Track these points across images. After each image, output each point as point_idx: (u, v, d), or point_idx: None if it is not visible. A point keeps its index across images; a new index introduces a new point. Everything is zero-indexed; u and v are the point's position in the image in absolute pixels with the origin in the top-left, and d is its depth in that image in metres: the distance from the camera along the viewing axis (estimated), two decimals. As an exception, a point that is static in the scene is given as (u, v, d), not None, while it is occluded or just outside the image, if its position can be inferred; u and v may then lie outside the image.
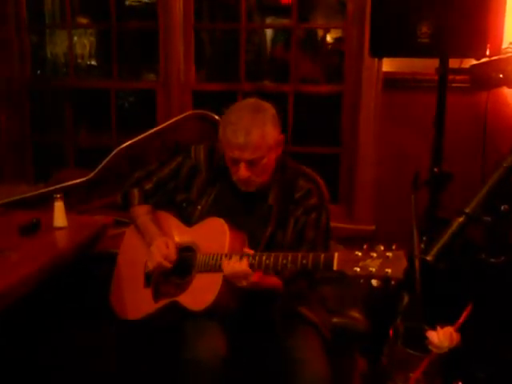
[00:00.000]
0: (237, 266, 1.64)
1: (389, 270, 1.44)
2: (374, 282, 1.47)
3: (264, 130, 1.71)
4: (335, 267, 1.52)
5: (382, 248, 1.47)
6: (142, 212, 1.98)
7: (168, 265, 1.81)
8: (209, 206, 1.89)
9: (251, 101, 1.82)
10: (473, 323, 1.27)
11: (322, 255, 1.57)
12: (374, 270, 1.45)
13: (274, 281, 1.74)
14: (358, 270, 1.47)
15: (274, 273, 1.70)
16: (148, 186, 2.00)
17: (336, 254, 1.53)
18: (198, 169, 1.94)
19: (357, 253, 1.49)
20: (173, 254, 1.82)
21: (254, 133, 1.69)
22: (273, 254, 1.64)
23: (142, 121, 3.22)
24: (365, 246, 1.50)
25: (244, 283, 1.65)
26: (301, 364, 1.66)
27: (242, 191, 1.83)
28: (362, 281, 1.49)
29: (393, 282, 1.45)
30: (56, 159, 3.60)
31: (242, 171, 1.73)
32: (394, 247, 1.47)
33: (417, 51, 2.13)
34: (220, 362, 1.61)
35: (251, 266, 1.64)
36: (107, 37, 3.28)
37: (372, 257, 1.47)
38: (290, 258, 1.61)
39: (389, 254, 1.46)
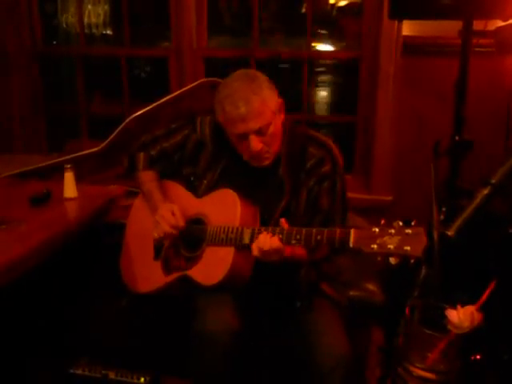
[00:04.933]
0: (268, 242, 1.55)
1: (408, 248, 1.37)
2: (392, 260, 1.41)
3: (262, 95, 1.65)
4: (351, 244, 1.46)
5: (401, 224, 1.41)
6: (147, 178, 1.96)
7: (175, 233, 1.78)
8: (215, 181, 1.84)
9: (241, 71, 1.75)
10: (497, 302, 1.20)
11: (338, 231, 1.51)
12: (392, 247, 1.39)
13: (300, 251, 1.69)
14: (376, 247, 1.41)
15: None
16: (153, 152, 1.97)
17: (352, 231, 1.47)
18: (203, 143, 1.89)
19: (374, 229, 1.43)
20: (180, 221, 1.78)
21: (253, 100, 1.63)
22: (294, 229, 1.57)
23: (157, 90, 3.17)
24: (382, 222, 1.44)
25: (275, 258, 1.58)
26: (319, 337, 1.62)
27: (251, 165, 1.77)
28: (379, 258, 1.43)
29: (412, 261, 1.39)
30: (70, 129, 3.58)
31: (254, 143, 1.66)
32: (413, 223, 1.40)
33: (438, 13, 2.02)
34: (230, 335, 1.58)
35: (281, 241, 1.57)
36: (121, 5, 3.21)
37: (390, 233, 1.40)
38: (303, 233, 1.55)
39: (408, 230, 1.39)
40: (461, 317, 1.21)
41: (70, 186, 2.09)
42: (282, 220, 1.60)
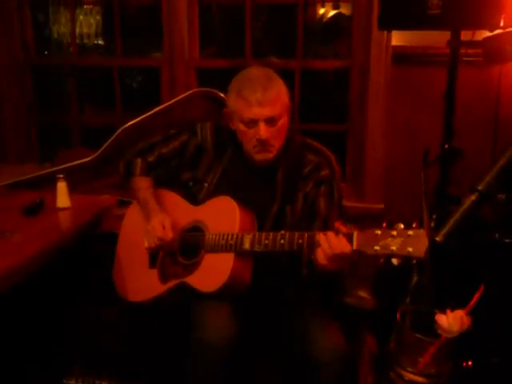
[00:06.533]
0: (338, 244, 1.48)
1: (410, 249, 1.39)
2: (395, 261, 1.42)
3: (279, 87, 1.73)
4: (355, 246, 1.47)
5: (402, 226, 1.42)
6: (143, 185, 1.96)
7: (163, 244, 1.79)
8: (216, 183, 1.86)
9: (259, 67, 1.83)
10: (485, 306, 1.22)
11: (341, 234, 1.50)
12: (395, 248, 1.40)
13: None
14: (379, 248, 1.42)
15: None
16: (151, 159, 1.98)
17: (355, 233, 1.48)
18: (204, 147, 1.91)
19: (376, 231, 1.44)
20: (169, 233, 1.78)
21: (271, 88, 1.69)
22: (296, 233, 1.58)
23: (149, 100, 3.18)
24: (384, 224, 1.45)
25: (342, 265, 1.52)
26: (315, 331, 1.63)
27: (250, 166, 1.79)
28: (382, 260, 1.44)
29: (414, 261, 1.41)
30: (62, 139, 3.58)
31: (262, 130, 1.68)
32: (414, 225, 1.42)
33: (427, 23, 2.04)
34: (228, 342, 1.58)
35: None
36: (113, 16, 3.22)
37: (393, 235, 1.41)
38: (306, 237, 1.56)
39: (410, 232, 1.40)
40: (450, 321, 1.23)
41: (62, 196, 2.09)
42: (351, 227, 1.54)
